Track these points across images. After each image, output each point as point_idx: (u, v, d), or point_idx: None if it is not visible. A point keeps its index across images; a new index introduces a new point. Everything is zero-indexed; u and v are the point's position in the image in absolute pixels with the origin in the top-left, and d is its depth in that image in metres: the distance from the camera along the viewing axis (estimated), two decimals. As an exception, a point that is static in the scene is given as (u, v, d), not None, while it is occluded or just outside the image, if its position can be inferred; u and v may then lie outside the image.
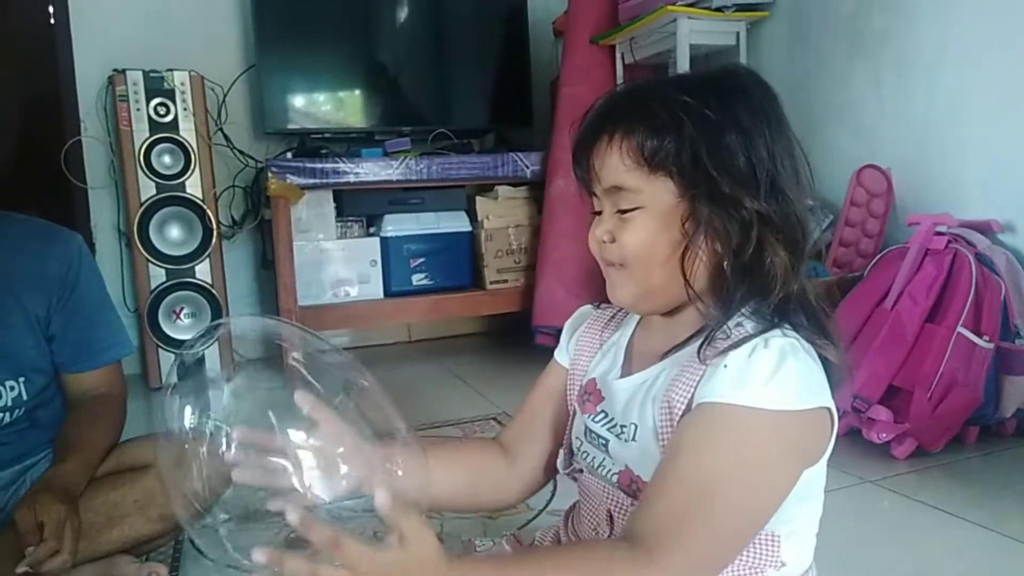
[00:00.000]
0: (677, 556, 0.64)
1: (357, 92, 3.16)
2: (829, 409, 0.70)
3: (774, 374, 0.66)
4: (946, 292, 1.89)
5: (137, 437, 1.45)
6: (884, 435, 1.81)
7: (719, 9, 2.58)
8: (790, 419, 0.66)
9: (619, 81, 2.86)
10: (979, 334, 1.83)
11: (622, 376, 0.81)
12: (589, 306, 0.93)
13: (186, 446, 0.70)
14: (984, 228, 2.04)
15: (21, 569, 1.09)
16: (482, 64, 3.31)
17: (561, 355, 0.92)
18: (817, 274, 2.25)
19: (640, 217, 0.73)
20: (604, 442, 0.80)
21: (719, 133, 0.70)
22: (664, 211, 0.72)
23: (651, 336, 0.81)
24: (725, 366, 0.67)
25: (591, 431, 0.82)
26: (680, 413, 0.70)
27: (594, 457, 0.82)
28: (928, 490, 1.69)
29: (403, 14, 3.19)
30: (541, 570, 0.65)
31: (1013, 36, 2.02)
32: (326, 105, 3.11)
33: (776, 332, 0.69)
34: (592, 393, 0.84)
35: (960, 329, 1.81)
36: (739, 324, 0.71)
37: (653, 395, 0.75)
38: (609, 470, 0.79)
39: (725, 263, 0.72)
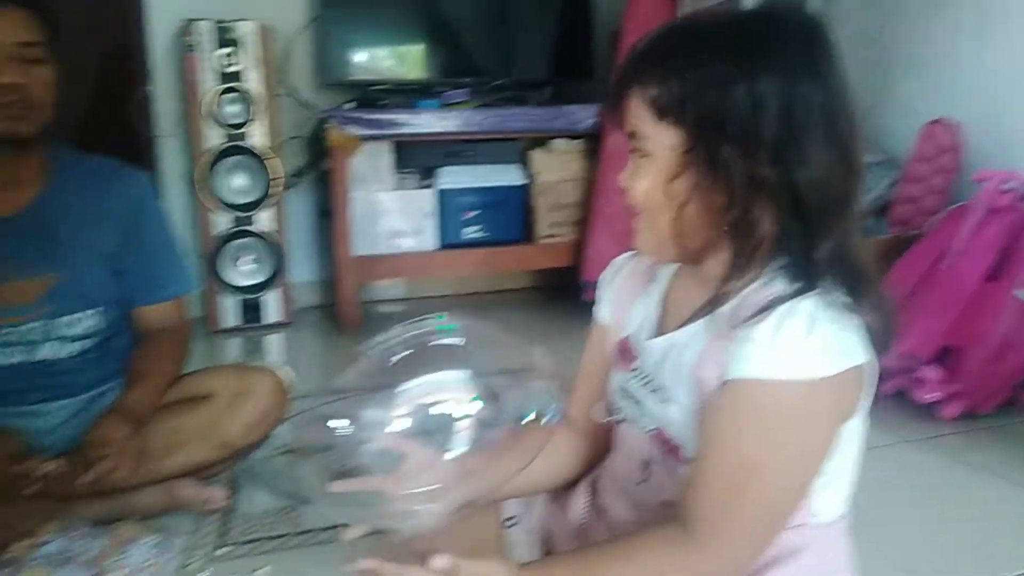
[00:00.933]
0: (729, 539, 0.69)
1: (418, 44, 3.17)
2: (863, 364, 0.68)
3: (803, 343, 0.65)
4: (1007, 251, 1.83)
5: (199, 369, 1.54)
6: (933, 395, 1.78)
7: (788, -46, 2.50)
8: (822, 386, 0.65)
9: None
10: (1039, 296, 1.78)
11: (656, 335, 0.81)
12: (622, 257, 0.92)
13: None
14: (1054, 187, 1.96)
15: (88, 478, 1.20)
16: (543, 15, 3.27)
17: (599, 311, 0.92)
18: (876, 232, 2.20)
19: (646, 164, 0.72)
20: (638, 400, 0.81)
21: (730, 89, 0.66)
22: (666, 160, 0.70)
23: (683, 291, 0.80)
24: (753, 340, 0.66)
25: (625, 389, 0.83)
26: (712, 390, 0.70)
27: (630, 412, 0.83)
28: (975, 451, 1.66)
29: (465, -35, 3.18)
30: (609, 564, 0.71)
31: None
32: (387, 58, 3.13)
33: (807, 293, 0.67)
34: (626, 351, 0.84)
35: (1018, 290, 1.76)
36: (770, 282, 0.70)
37: (684, 365, 0.74)
38: (644, 426, 0.80)
39: (722, 219, 0.70)
